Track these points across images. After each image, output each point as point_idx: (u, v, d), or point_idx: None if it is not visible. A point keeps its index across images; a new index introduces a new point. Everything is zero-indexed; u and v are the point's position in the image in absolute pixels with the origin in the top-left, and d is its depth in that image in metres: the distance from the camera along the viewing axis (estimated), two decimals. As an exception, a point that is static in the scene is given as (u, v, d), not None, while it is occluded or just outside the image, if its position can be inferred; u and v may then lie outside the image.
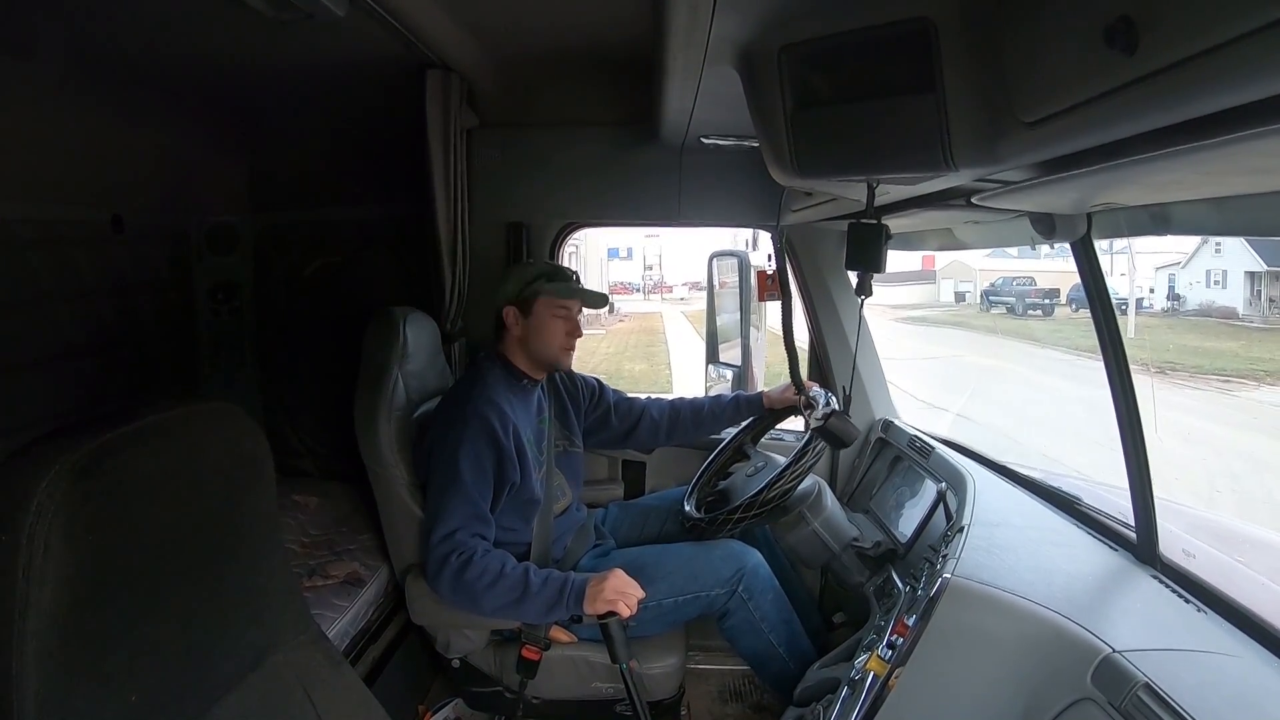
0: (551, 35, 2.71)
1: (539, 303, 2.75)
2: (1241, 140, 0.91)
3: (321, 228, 3.81)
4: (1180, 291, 12.85)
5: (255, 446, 1.65)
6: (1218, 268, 12.09)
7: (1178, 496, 3.10)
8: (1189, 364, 10.00)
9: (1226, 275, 11.94)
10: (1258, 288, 11.26)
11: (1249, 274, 11.34)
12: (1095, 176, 1.29)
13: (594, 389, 3.11)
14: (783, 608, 2.75)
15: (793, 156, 1.57)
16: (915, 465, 2.82)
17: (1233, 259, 11.46)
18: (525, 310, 2.75)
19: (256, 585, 1.65)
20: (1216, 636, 1.72)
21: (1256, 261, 10.83)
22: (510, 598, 2.48)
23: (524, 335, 2.77)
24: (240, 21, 2.09)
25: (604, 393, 3.14)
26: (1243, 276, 11.46)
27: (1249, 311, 11.57)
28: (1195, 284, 12.54)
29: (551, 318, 2.77)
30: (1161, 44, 0.82)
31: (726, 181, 3.34)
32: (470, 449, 2.56)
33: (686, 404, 3.20)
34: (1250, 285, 11.38)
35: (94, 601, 1.25)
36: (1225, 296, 11.98)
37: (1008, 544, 2.07)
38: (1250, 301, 11.45)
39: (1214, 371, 10.60)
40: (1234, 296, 11.74)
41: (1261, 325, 11.51)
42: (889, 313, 24.57)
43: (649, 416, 3.15)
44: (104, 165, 3.03)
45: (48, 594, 1.17)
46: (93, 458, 1.25)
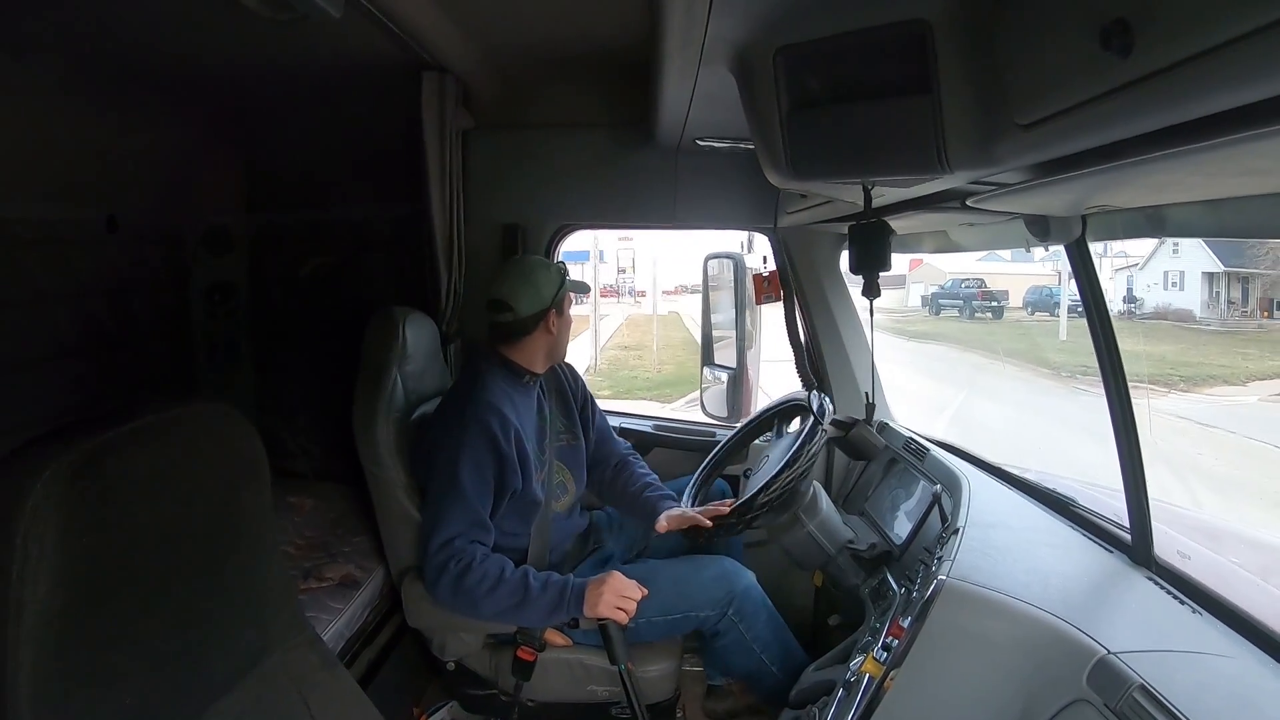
0: (547, 37, 2.71)
1: (565, 301, 2.79)
2: (1237, 142, 0.91)
3: (317, 228, 3.81)
4: (1138, 294, 12.79)
5: (251, 448, 1.64)
6: (1175, 269, 12.01)
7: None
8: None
9: (1184, 277, 11.89)
10: (1216, 289, 11.19)
11: (1206, 275, 11.27)
12: (1090, 178, 1.30)
13: (586, 393, 3.08)
14: (777, 626, 2.76)
15: (788, 158, 1.57)
16: (910, 467, 2.82)
17: (1191, 260, 11.38)
18: (559, 311, 2.77)
19: (252, 587, 1.65)
20: (1212, 637, 1.72)
21: (1214, 262, 10.75)
22: (510, 602, 2.49)
23: (559, 335, 2.80)
24: (236, 22, 2.09)
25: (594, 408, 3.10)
26: (1200, 278, 11.41)
27: (1206, 314, 11.48)
28: (1153, 286, 12.49)
29: (570, 313, 2.83)
30: (1157, 46, 0.82)
31: (722, 183, 3.34)
32: (471, 455, 2.55)
33: (625, 477, 3.04)
34: (1208, 287, 11.31)
35: (89, 603, 1.25)
36: (1183, 299, 11.93)
37: (1003, 546, 2.07)
38: (1208, 304, 11.37)
39: (1129, 376, 10.10)
40: (1191, 299, 11.71)
41: (1219, 329, 11.42)
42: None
43: (605, 467, 3.09)
44: (99, 165, 3.03)
45: (42, 596, 1.17)
46: (88, 459, 1.24)
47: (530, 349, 2.78)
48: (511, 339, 2.77)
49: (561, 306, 2.77)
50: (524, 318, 2.73)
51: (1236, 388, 11.06)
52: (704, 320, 3.78)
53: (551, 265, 2.83)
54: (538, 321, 2.74)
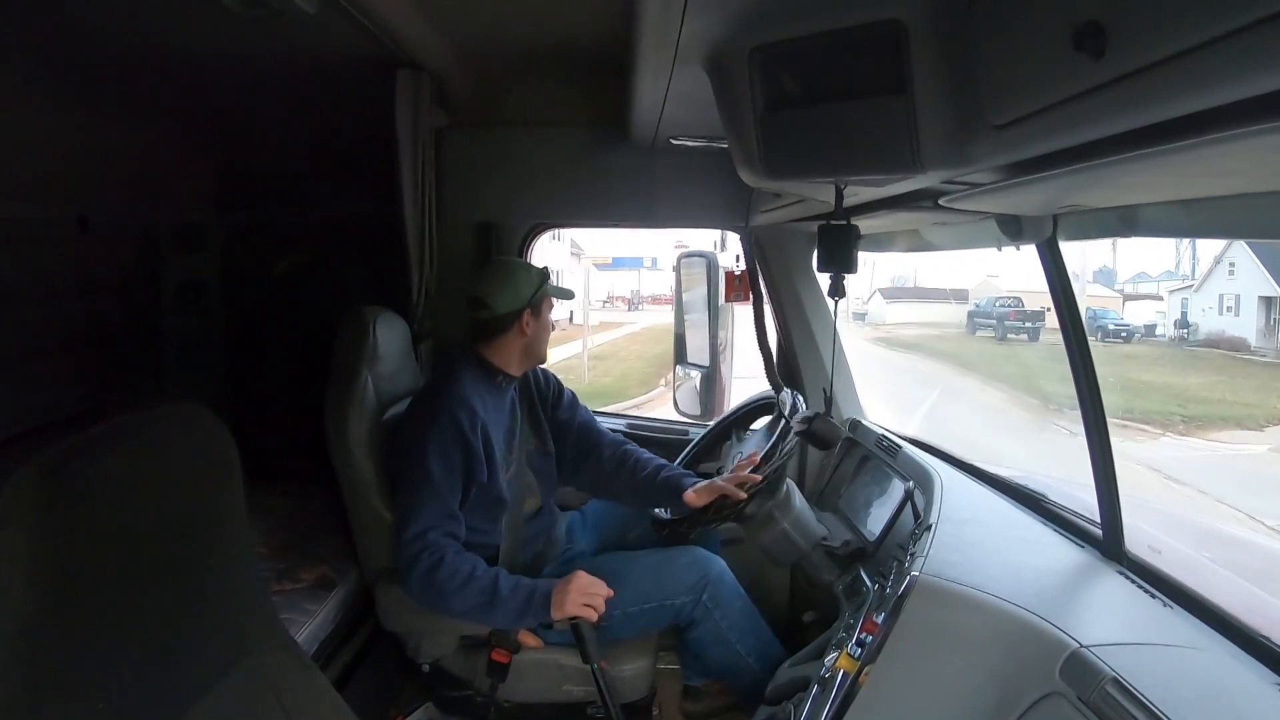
0: (523, 35, 2.71)
1: (544, 304, 2.79)
2: (1208, 144, 0.92)
3: (291, 227, 3.79)
4: (1194, 319, 11.85)
5: (224, 448, 1.63)
6: (1231, 292, 10.85)
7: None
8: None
9: (1240, 301, 10.73)
10: (1274, 315, 10.15)
11: (1263, 300, 10.19)
12: (1063, 179, 1.31)
13: (562, 394, 3.06)
14: (751, 615, 2.76)
15: (761, 157, 1.58)
16: (883, 464, 2.84)
17: (1247, 282, 10.27)
18: (536, 313, 2.77)
19: (226, 589, 1.64)
20: (1182, 631, 1.74)
21: (1271, 285, 9.82)
22: (479, 601, 2.48)
23: (534, 337, 2.79)
24: (209, 17, 2.08)
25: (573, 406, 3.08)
26: (1256, 302, 10.29)
27: (1262, 344, 10.43)
28: (1209, 310, 11.47)
29: (549, 316, 2.82)
30: (1129, 48, 0.83)
31: (696, 182, 3.35)
32: (438, 446, 2.56)
33: (630, 466, 2.97)
34: (1265, 312, 10.26)
35: (61, 607, 1.23)
36: (1238, 325, 10.80)
37: (975, 541, 2.09)
38: (1264, 332, 10.33)
39: (1123, 412, 9.28)
40: (1246, 325, 10.59)
41: (1274, 359, 10.44)
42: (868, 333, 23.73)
43: (599, 460, 3.02)
44: (70, 162, 2.99)
45: (13, 600, 1.16)
46: (58, 460, 1.23)
47: (505, 349, 2.78)
48: (487, 337, 2.77)
49: (539, 309, 2.77)
50: (499, 315, 2.73)
51: (1250, 433, 9.80)
52: (676, 320, 3.78)
53: (534, 268, 2.83)
54: (513, 321, 2.74)
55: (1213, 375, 11.10)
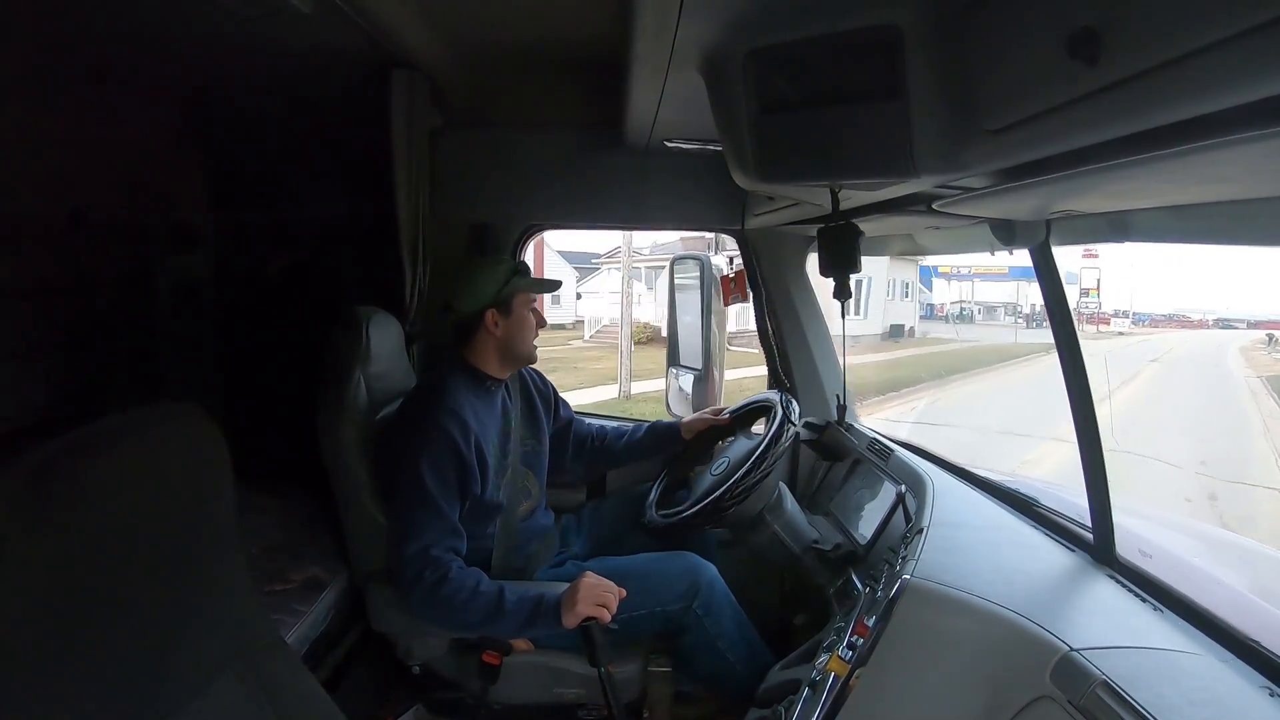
0: (518, 37, 2.71)
1: (516, 300, 2.75)
2: (1199, 150, 0.93)
3: (285, 226, 3.78)
4: None
5: (216, 448, 1.62)
6: None
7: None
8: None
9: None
10: None
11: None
12: (1056, 184, 1.31)
13: (558, 395, 3.10)
14: (741, 623, 2.75)
15: (756, 160, 1.58)
16: (874, 468, 2.83)
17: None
18: (505, 310, 2.73)
19: (217, 590, 1.63)
20: (1173, 635, 1.75)
21: None
22: (484, 614, 2.48)
23: (506, 336, 2.75)
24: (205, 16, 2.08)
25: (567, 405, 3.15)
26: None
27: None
28: None
29: (525, 313, 2.77)
30: (1122, 56, 0.84)
31: (690, 185, 3.35)
32: (433, 461, 2.54)
33: (613, 431, 3.19)
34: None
35: (49, 608, 1.22)
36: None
37: (966, 545, 2.09)
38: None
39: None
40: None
41: None
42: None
43: (591, 440, 3.16)
44: (63, 160, 2.98)
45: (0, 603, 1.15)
46: (48, 461, 1.22)
47: (480, 349, 2.77)
48: (460, 339, 2.77)
49: (508, 306, 2.74)
50: (462, 315, 2.73)
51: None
52: (669, 321, 3.79)
53: (502, 264, 2.79)
54: (478, 320, 2.73)
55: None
